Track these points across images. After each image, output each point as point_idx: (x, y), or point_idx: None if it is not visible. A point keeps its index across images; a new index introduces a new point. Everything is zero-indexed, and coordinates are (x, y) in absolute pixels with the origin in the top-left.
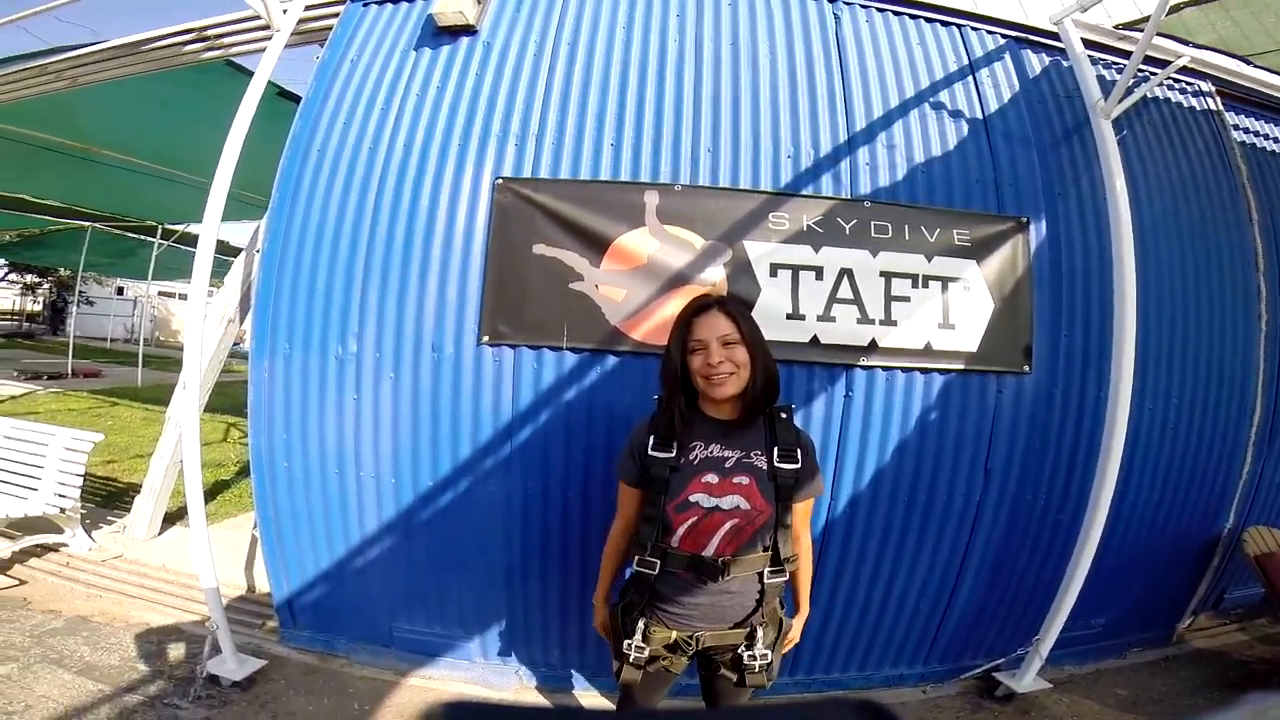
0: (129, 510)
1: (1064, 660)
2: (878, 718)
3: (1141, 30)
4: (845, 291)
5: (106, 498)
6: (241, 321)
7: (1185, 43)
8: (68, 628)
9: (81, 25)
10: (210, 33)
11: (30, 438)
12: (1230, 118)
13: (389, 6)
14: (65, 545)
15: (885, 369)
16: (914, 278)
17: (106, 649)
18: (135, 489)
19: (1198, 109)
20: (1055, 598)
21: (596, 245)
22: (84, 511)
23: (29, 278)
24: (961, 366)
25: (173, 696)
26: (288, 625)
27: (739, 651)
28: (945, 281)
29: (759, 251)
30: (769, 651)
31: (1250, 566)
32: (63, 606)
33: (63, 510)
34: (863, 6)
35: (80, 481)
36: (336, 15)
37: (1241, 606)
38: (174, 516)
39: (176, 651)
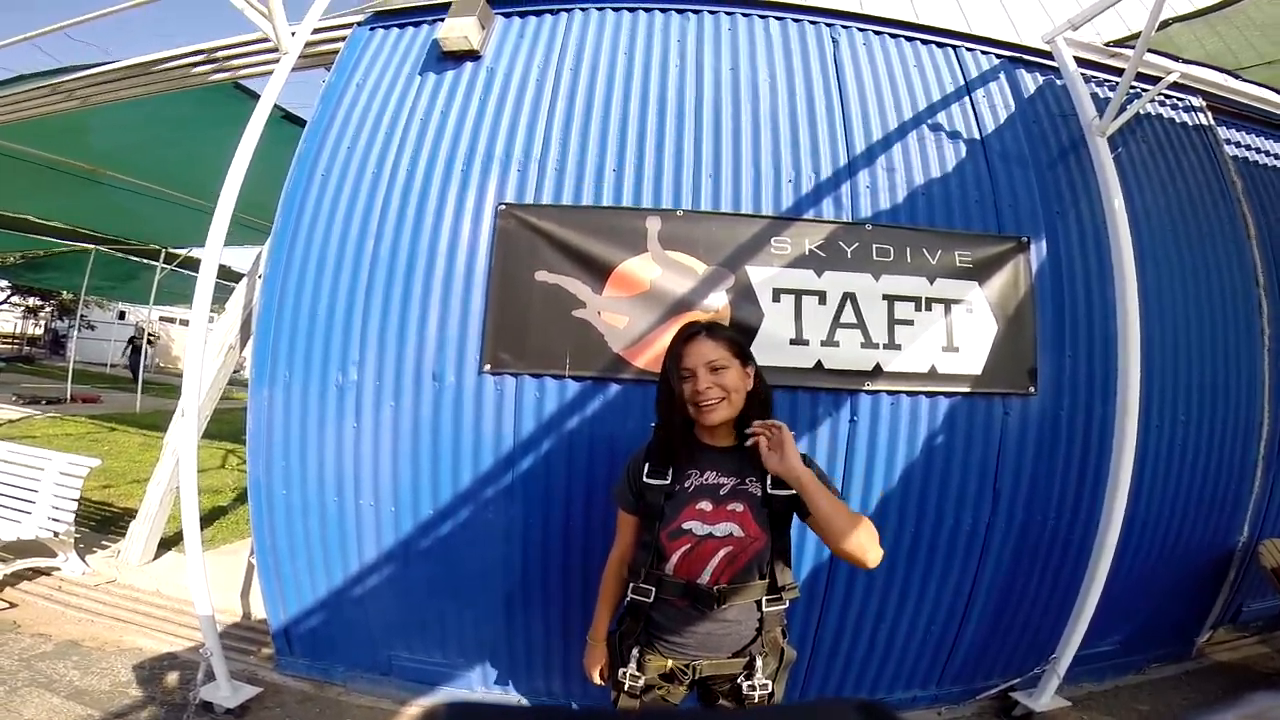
0: (124, 535)
1: (1082, 678)
2: (878, 718)
3: (1131, 47)
4: (848, 316)
5: (101, 522)
6: (242, 348)
7: (1175, 59)
8: (58, 651)
9: (93, 45)
10: (219, 54)
11: (26, 461)
12: (1222, 132)
13: (395, 30)
14: (58, 569)
15: (890, 393)
16: (917, 300)
17: (97, 674)
18: (131, 514)
19: (1190, 124)
20: (1070, 616)
21: (599, 272)
22: (78, 536)
23: (31, 300)
24: (967, 390)
25: None
26: (284, 652)
27: (738, 681)
28: (948, 304)
29: (761, 276)
30: (769, 681)
31: (1268, 578)
32: (53, 630)
33: (56, 534)
34: (860, 29)
35: (75, 506)
36: (344, 38)
37: (1261, 619)
38: (169, 542)
39: (169, 678)
